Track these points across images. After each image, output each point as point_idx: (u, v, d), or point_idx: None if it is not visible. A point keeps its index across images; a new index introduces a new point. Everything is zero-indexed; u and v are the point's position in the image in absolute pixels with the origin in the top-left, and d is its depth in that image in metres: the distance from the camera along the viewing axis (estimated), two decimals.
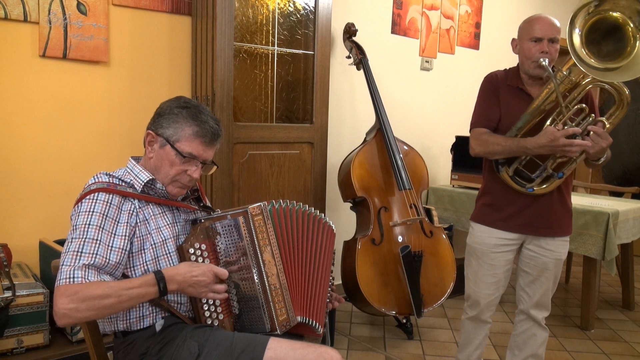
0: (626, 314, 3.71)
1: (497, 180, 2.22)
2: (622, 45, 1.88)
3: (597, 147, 1.95)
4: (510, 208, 2.20)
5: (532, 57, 2.08)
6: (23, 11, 2.36)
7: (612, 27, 1.89)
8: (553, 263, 2.22)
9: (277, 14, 2.92)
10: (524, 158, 2.12)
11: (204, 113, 1.54)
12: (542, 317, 2.29)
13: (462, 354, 2.47)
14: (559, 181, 2.09)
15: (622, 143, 5.43)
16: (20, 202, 2.46)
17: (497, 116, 2.18)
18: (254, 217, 1.50)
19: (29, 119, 2.46)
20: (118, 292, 1.31)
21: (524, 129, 2.10)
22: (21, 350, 2.12)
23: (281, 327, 1.51)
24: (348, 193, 3.07)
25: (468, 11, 4.44)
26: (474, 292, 2.35)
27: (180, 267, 1.43)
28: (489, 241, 2.26)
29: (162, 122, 1.52)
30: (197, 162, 1.53)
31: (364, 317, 3.42)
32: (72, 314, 1.27)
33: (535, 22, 2.08)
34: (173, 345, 1.44)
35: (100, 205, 1.41)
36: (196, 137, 1.51)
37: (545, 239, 2.20)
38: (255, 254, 1.50)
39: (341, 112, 3.67)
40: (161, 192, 1.54)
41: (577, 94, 2.00)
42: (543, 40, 2.05)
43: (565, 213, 2.22)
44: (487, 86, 2.23)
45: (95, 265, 1.33)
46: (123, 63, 2.70)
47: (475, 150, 2.20)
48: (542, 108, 2.06)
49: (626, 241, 3.44)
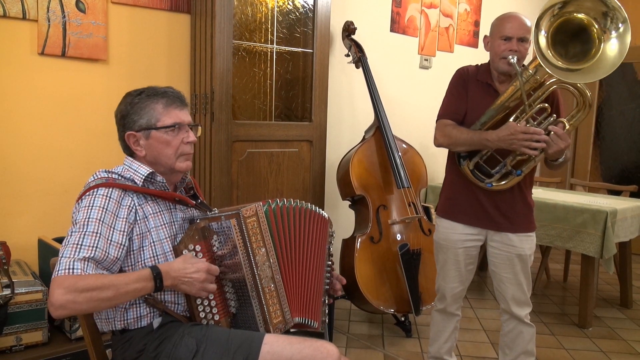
0: (624, 312, 3.72)
1: (458, 174, 2.27)
2: (588, 47, 1.91)
3: (555, 147, 1.98)
4: (471, 202, 2.25)
5: (501, 54, 2.12)
6: (22, 9, 2.36)
7: (578, 29, 1.92)
8: (516, 258, 2.24)
9: (276, 12, 2.92)
10: (485, 153, 2.17)
11: (157, 87, 1.57)
12: (524, 314, 2.30)
13: (432, 347, 2.51)
14: (518, 179, 2.14)
15: (620, 142, 5.44)
16: (19, 199, 2.46)
17: (464, 109, 2.23)
18: (246, 219, 1.49)
19: (28, 116, 2.46)
20: (116, 285, 1.31)
21: (487, 124, 2.15)
22: (20, 348, 2.12)
23: (275, 329, 1.51)
24: (347, 191, 3.07)
25: (467, 9, 4.44)
26: (441, 286, 2.41)
27: (174, 263, 1.43)
28: (452, 237, 2.31)
29: (132, 118, 1.53)
30: (185, 127, 1.56)
31: (363, 315, 3.43)
32: (69, 305, 1.26)
33: (507, 20, 2.13)
34: (171, 342, 1.44)
35: (100, 199, 1.41)
36: (169, 107, 1.54)
37: (507, 234, 2.23)
38: (248, 257, 1.49)
39: (340, 110, 3.67)
40: (161, 186, 1.55)
41: (542, 94, 2.05)
42: (513, 38, 2.10)
43: (525, 209, 2.25)
44: (457, 79, 2.28)
45: (95, 259, 1.34)
46: (122, 61, 2.70)
47: (439, 140, 2.26)
48: (506, 105, 2.10)
49: (624, 239, 3.45)
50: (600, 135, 5.54)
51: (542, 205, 3.36)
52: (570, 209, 3.31)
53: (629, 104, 5.36)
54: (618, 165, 5.49)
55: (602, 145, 5.55)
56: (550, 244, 3.43)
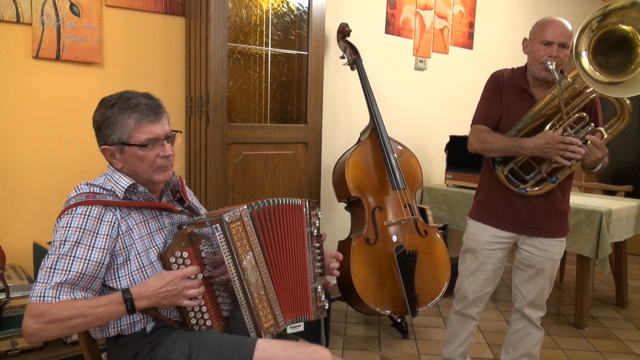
0: (620, 312, 3.73)
1: (493, 179, 2.24)
2: (629, 59, 1.85)
3: (592, 157, 1.96)
4: (505, 207, 2.22)
5: (540, 60, 2.07)
6: (16, 12, 2.36)
7: (621, 39, 1.86)
8: (548, 263, 2.23)
9: (271, 15, 2.92)
10: (521, 159, 2.13)
11: (131, 97, 1.49)
12: (536, 317, 2.30)
13: (447, 349, 2.50)
14: (552, 185, 2.10)
15: (615, 142, 5.42)
16: (13, 203, 2.45)
17: (499, 115, 2.19)
18: (229, 224, 1.46)
19: (22, 120, 2.45)
20: (85, 311, 1.32)
21: (523, 131, 2.11)
22: (15, 352, 2.11)
23: (267, 333, 1.50)
24: (342, 193, 3.07)
25: (462, 11, 4.45)
26: (462, 287, 2.39)
27: (149, 281, 1.41)
28: (482, 238, 2.28)
29: (105, 132, 1.48)
30: (160, 141, 1.50)
31: (359, 316, 3.43)
32: (38, 333, 1.31)
33: (548, 25, 2.07)
34: (164, 346, 1.44)
35: (77, 219, 1.39)
36: (141, 122, 1.47)
37: (539, 239, 2.21)
38: (234, 263, 1.47)
39: (335, 112, 3.67)
40: (144, 196, 1.52)
41: (580, 102, 2.00)
42: (553, 44, 2.04)
43: (560, 215, 2.22)
44: (493, 83, 2.24)
45: (68, 282, 1.33)
46: (116, 64, 2.69)
47: (473, 146, 2.22)
48: (543, 112, 2.06)
49: (619, 239, 3.46)
50: None
51: None
52: None
53: None
54: (613, 166, 5.51)
55: None
56: None
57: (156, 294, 1.39)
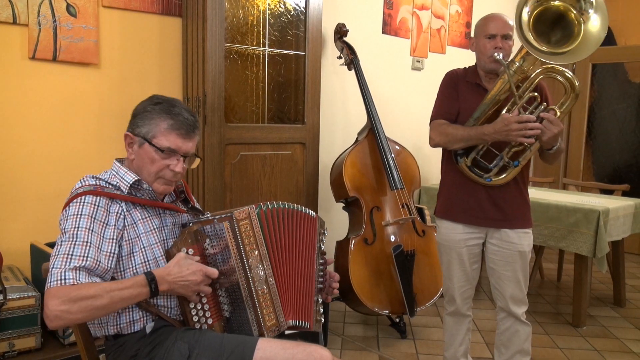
0: (617, 311, 3.74)
1: (456, 173, 2.30)
2: (569, 31, 1.99)
3: (549, 133, 2.04)
4: (470, 201, 2.27)
5: (487, 53, 2.18)
6: (12, 13, 2.35)
7: (556, 17, 2.00)
8: (516, 255, 2.26)
9: (268, 15, 2.92)
10: (482, 147, 2.20)
11: (177, 106, 1.53)
12: (520, 312, 2.31)
13: (448, 352, 2.51)
14: (516, 170, 2.17)
15: (612, 141, 5.47)
16: (11, 204, 2.45)
17: (456, 110, 2.28)
18: (239, 221, 1.49)
19: (19, 121, 2.44)
20: (110, 292, 1.30)
21: (481, 119, 2.20)
22: (13, 354, 2.11)
23: (269, 332, 1.50)
24: (340, 193, 3.07)
25: (459, 11, 4.45)
26: (449, 288, 2.41)
27: (170, 267, 1.42)
28: (454, 237, 2.32)
29: (138, 121, 1.52)
30: (178, 155, 1.52)
31: (357, 316, 3.43)
32: (64, 315, 1.25)
33: (490, 20, 2.21)
34: (163, 347, 1.43)
35: (88, 207, 1.40)
36: (172, 130, 1.50)
37: (506, 231, 2.25)
38: (242, 260, 1.49)
39: (333, 112, 3.67)
40: (149, 193, 1.54)
41: (530, 84, 2.11)
42: (497, 36, 2.17)
43: (523, 204, 2.28)
44: (448, 81, 2.34)
45: (86, 268, 1.33)
46: (113, 65, 2.69)
47: (435, 140, 2.30)
48: (497, 98, 2.16)
49: (617, 238, 3.46)
50: (592, 135, 5.57)
51: (535, 205, 3.36)
52: (562, 208, 3.33)
53: (621, 103, 5.40)
54: (610, 165, 5.52)
55: (594, 144, 5.58)
56: (543, 243, 3.45)
57: (176, 280, 1.40)
